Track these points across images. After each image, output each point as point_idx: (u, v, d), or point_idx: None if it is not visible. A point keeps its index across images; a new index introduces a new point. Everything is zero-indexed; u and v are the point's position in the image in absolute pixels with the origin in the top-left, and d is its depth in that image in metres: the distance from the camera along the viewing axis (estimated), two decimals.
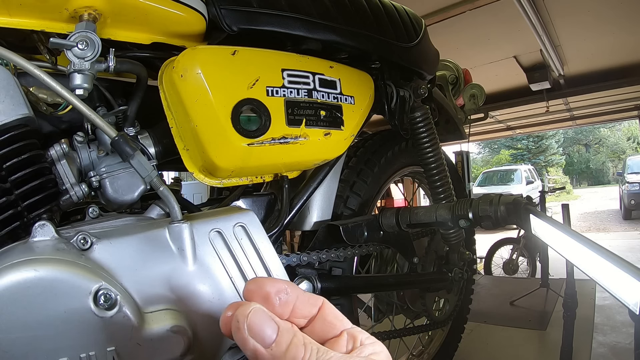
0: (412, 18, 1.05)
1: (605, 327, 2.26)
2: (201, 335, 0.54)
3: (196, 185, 4.55)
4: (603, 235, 7.97)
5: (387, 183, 1.22)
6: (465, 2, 3.31)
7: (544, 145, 23.76)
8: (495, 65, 4.79)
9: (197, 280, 0.56)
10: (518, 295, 2.85)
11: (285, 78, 0.74)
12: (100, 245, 0.51)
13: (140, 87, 0.69)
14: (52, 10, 0.57)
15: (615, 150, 26.95)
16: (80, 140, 0.63)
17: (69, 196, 0.58)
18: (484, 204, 0.89)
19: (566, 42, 4.24)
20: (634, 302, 0.58)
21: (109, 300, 0.46)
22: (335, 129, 0.82)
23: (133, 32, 0.66)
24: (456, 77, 1.62)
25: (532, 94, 5.50)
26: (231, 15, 0.72)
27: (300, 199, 0.88)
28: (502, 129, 8.47)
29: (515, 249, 4.28)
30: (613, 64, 4.96)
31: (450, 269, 1.21)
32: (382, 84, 1.04)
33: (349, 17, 0.86)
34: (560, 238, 0.74)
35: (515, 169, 14.13)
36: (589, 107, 6.82)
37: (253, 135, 0.69)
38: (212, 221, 0.60)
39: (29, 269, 0.44)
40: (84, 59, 0.56)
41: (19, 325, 0.42)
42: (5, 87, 0.51)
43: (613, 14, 3.60)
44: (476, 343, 2.13)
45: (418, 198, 3.16)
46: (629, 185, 9.50)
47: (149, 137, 0.69)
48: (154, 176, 0.56)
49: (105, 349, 0.46)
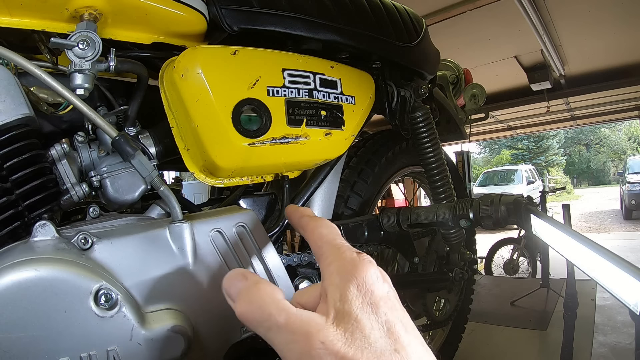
0: (413, 18, 1.05)
1: (606, 328, 2.25)
2: (202, 335, 0.54)
3: (197, 185, 4.55)
4: (604, 235, 7.97)
5: (387, 183, 1.22)
6: (465, 2, 3.31)
7: (544, 145, 23.76)
8: (496, 65, 4.79)
9: (198, 280, 0.56)
10: (519, 295, 2.85)
11: (286, 78, 0.74)
12: (100, 245, 0.51)
13: (140, 87, 0.69)
14: (53, 10, 0.57)
15: (616, 150, 26.94)
16: (81, 140, 0.63)
17: (70, 196, 0.58)
18: (484, 204, 0.89)
19: (567, 42, 4.24)
20: (634, 303, 0.58)
21: (109, 300, 0.46)
22: (336, 129, 0.82)
23: (134, 32, 0.66)
24: (457, 77, 1.62)
25: (533, 94, 5.50)
26: (232, 15, 0.72)
27: (301, 199, 0.88)
28: (503, 129, 8.47)
29: (516, 249, 4.28)
30: (614, 64, 4.96)
31: (451, 269, 1.21)
32: (383, 83, 1.04)
33: (349, 17, 0.86)
34: (560, 238, 0.74)
35: (516, 169, 14.13)
36: (589, 107, 6.82)
37: (254, 135, 0.69)
38: (213, 221, 0.60)
39: (29, 268, 0.44)
40: (84, 59, 0.56)
41: (19, 325, 0.42)
42: (6, 87, 0.51)
43: (614, 13, 3.60)
44: (477, 343, 2.13)
45: (419, 198, 3.16)
46: (629, 186, 9.50)
47: (150, 137, 0.69)
48: (154, 176, 0.56)
49: (106, 349, 0.46)
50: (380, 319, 0.31)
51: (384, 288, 0.34)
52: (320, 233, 0.40)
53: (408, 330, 0.32)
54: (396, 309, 0.33)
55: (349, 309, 0.32)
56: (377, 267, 0.35)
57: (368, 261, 0.35)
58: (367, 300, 0.32)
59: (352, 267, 0.34)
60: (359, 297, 0.32)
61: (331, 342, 0.30)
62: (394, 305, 0.33)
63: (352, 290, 0.33)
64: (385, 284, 0.34)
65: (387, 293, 0.34)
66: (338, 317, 0.32)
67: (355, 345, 0.30)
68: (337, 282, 0.34)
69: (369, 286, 0.33)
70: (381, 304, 0.32)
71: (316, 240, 0.40)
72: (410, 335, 0.32)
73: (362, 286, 0.33)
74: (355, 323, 0.31)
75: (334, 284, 0.34)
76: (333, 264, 0.36)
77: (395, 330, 0.31)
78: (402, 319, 0.33)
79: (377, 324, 0.31)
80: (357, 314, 0.31)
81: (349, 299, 0.32)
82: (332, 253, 0.37)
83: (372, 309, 0.32)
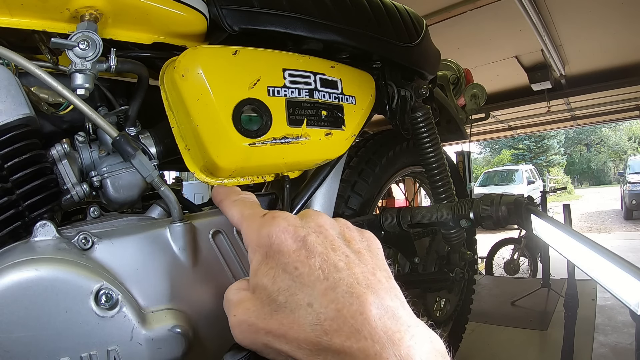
0: (413, 18, 1.04)
1: (607, 328, 2.25)
2: (202, 335, 0.54)
3: (197, 185, 4.55)
4: (604, 235, 7.96)
5: (388, 183, 1.22)
6: (466, 2, 3.31)
7: (545, 145, 23.75)
8: (497, 65, 4.79)
9: (198, 280, 0.56)
10: (519, 296, 2.85)
11: (286, 78, 0.74)
12: (101, 245, 0.51)
13: (141, 87, 0.69)
14: (54, 10, 0.57)
15: (616, 150, 26.93)
16: (82, 140, 0.63)
17: (70, 196, 0.58)
18: (485, 204, 0.89)
19: (567, 41, 4.23)
20: (635, 303, 0.58)
21: (110, 300, 0.46)
22: (337, 129, 0.82)
23: (134, 32, 0.66)
24: (457, 77, 1.62)
25: (534, 94, 5.50)
26: (232, 15, 0.72)
27: (301, 199, 0.88)
28: (504, 129, 8.46)
29: (517, 249, 4.28)
30: (614, 64, 4.95)
31: (452, 269, 1.21)
32: (383, 83, 1.04)
33: (350, 17, 0.86)
34: (561, 238, 0.74)
35: (517, 169, 14.13)
36: (590, 107, 6.82)
37: (254, 135, 0.69)
38: (213, 221, 0.60)
39: (30, 268, 0.44)
40: (85, 59, 0.56)
41: (20, 324, 0.42)
42: (7, 87, 0.51)
43: (614, 13, 3.60)
44: (477, 343, 2.13)
45: (419, 198, 3.16)
46: (630, 186, 9.50)
47: (150, 137, 0.69)
48: (155, 176, 0.56)
49: (106, 349, 0.46)
50: (286, 279, 0.32)
51: (291, 243, 0.34)
52: (232, 216, 0.43)
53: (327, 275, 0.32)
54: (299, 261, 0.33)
55: (259, 280, 0.34)
56: (286, 218, 0.36)
57: (270, 219, 0.36)
58: (274, 263, 0.34)
59: (256, 236, 0.36)
60: (265, 264, 0.34)
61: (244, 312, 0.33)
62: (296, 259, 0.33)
63: (256, 260, 0.35)
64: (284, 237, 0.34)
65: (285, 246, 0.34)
66: (254, 290, 0.34)
67: (264, 312, 0.32)
68: (250, 257, 0.36)
69: (268, 248, 0.34)
70: (284, 261, 0.33)
71: (235, 224, 0.42)
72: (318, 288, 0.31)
73: (260, 249, 0.35)
74: (263, 291, 0.33)
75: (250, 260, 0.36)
76: (247, 242, 0.38)
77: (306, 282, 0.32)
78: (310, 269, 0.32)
79: (284, 283, 0.32)
80: (263, 282, 0.33)
81: (257, 271, 0.34)
82: (244, 232, 0.39)
83: (281, 271, 0.33)
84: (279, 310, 0.31)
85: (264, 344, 0.32)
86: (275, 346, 0.31)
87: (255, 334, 0.32)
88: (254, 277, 0.35)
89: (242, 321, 0.33)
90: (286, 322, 0.30)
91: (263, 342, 0.32)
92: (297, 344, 0.30)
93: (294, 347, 0.30)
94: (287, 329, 0.30)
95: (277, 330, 0.31)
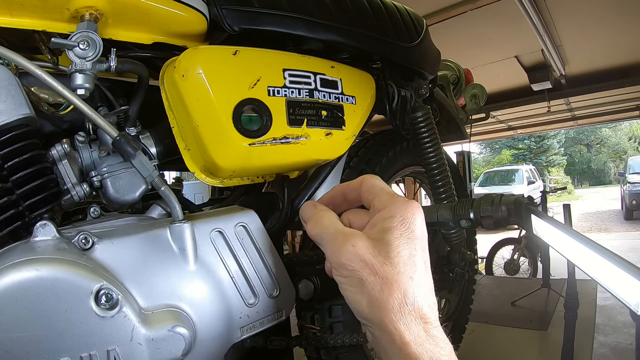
0: (413, 18, 1.04)
1: (607, 328, 2.25)
2: (202, 335, 0.54)
3: (197, 185, 4.55)
4: (604, 235, 7.97)
5: (388, 183, 1.22)
6: (466, 2, 3.31)
7: (545, 145, 23.75)
8: (497, 65, 4.78)
9: (199, 280, 0.56)
10: (519, 296, 2.85)
11: (286, 78, 0.74)
12: (101, 245, 0.51)
13: (141, 87, 0.69)
14: (54, 10, 0.57)
15: (616, 150, 26.93)
16: (82, 140, 0.63)
17: (71, 196, 0.58)
18: (485, 204, 0.89)
19: (567, 42, 4.23)
20: (635, 303, 0.58)
21: (110, 300, 0.46)
22: (337, 129, 0.82)
23: (134, 32, 0.66)
24: (457, 77, 1.62)
25: (534, 94, 5.50)
26: (232, 15, 0.72)
27: (301, 199, 0.88)
28: (504, 129, 8.46)
29: (517, 249, 4.28)
30: (614, 64, 4.95)
31: (452, 269, 1.21)
32: (384, 84, 1.04)
33: (350, 17, 0.86)
34: (561, 238, 0.74)
35: (517, 169, 14.13)
36: (590, 107, 6.81)
37: (254, 135, 0.69)
38: (214, 221, 0.60)
39: (30, 268, 0.44)
40: (85, 59, 0.56)
41: (20, 325, 0.42)
42: (7, 87, 0.51)
43: (614, 14, 3.60)
44: (477, 343, 2.13)
45: (419, 198, 3.16)
46: (630, 186, 9.50)
47: (150, 137, 0.69)
48: (155, 176, 0.56)
49: (107, 349, 0.46)
50: (408, 250, 0.39)
51: (423, 231, 0.42)
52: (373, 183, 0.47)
53: (427, 270, 0.40)
54: (424, 250, 0.41)
55: (388, 236, 0.40)
56: (422, 212, 0.43)
57: (417, 206, 0.42)
58: (406, 234, 0.40)
59: (404, 206, 0.42)
60: (400, 229, 0.40)
61: (360, 247, 0.39)
62: (424, 247, 0.41)
63: (396, 221, 0.40)
64: (424, 229, 0.42)
65: (423, 235, 0.41)
66: (376, 237, 0.40)
67: (379, 259, 0.38)
68: (385, 215, 0.42)
69: (411, 224, 0.41)
70: (416, 242, 0.40)
71: (369, 189, 0.46)
72: (427, 276, 0.40)
73: (405, 222, 0.41)
74: (386, 245, 0.39)
75: (383, 217, 0.42)
76: (386, 203, 0.43)
77: (416, 264, 0.39)
78: (426, 260, 0.41)
79: (405, 252, 0.39)
80: (390, 239, 0.39)
81: (390, 228, 0.40)
82: (387, 198, 0.44)
83: (406, 242, 0.40)
84: (389, 265, 0.38)
85: (360, 279, 0.38)
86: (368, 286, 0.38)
87: (362, 270, 0.38)
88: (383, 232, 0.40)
89: (358, 255, 0.39)
90: (390, 276, 0.38)
91: (360, 278, 0.38)
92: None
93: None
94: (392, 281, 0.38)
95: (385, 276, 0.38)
